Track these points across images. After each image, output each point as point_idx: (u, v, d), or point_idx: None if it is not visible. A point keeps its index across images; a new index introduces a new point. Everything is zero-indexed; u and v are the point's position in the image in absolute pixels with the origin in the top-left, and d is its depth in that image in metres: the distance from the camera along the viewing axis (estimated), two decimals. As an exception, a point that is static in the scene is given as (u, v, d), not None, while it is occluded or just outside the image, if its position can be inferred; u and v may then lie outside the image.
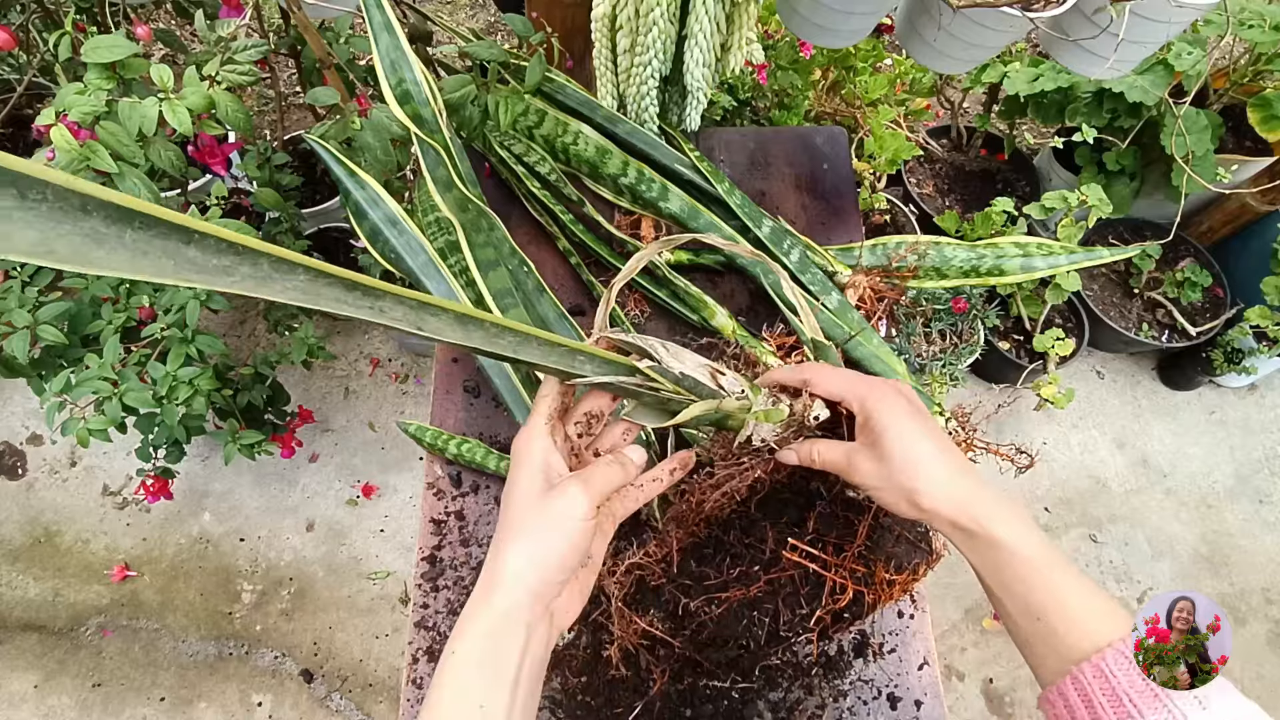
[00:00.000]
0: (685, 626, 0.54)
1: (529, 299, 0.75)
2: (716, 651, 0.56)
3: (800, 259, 0.79)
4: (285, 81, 2.04)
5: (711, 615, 0.52)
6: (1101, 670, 0.38)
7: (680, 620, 0.54)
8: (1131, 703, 0.37)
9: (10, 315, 0.99)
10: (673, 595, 0.53)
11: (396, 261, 0.72)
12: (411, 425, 0.76)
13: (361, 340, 1.83)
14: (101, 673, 1.48)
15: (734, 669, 0.62)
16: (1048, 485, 1.76)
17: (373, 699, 1.48)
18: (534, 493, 0.40)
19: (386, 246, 0.73)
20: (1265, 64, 1.50)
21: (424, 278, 0.71)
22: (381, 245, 0.73)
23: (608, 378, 0.40)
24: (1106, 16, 0.67)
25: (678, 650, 0.56)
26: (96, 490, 1.64)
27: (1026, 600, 0.41)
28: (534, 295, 0.76)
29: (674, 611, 0.54)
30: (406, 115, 0.73)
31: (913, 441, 0.43)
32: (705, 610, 0.52)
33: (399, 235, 0.73)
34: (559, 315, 0.76)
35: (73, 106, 0.72)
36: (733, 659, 0.57)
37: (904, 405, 0.45)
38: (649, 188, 0.82)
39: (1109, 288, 1.79)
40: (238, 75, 0.80)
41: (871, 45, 1.53)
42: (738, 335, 0.77)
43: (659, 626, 0.54)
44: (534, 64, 0.71)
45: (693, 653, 0.56)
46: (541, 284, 0.77)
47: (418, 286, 0.71)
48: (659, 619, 0.54)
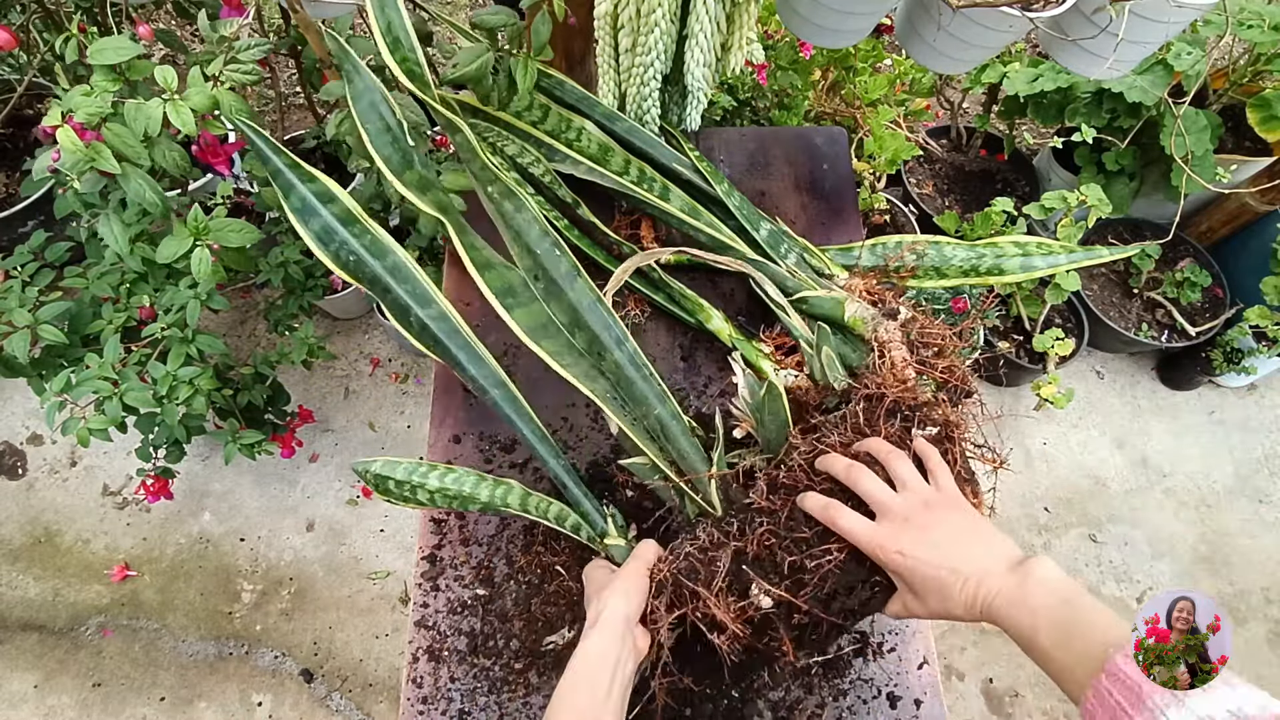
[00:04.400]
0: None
1: (555, 287, 0.72)
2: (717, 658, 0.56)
3: (797, 263, 0.79)
4: (285, 81, 2.04)
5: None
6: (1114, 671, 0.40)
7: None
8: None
9: (10, 315, 0.99)
10: None
11: (356, 266, 0.69)
12: (375, 464, 0.70)
13: (361, 340, 1.83)
14: (101, 672, 1.48)
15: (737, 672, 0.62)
16: (1047, 485, 1.77)
17: (373, 699, 1.48)
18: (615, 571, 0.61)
19: (343, 248, 0.69)
20: (1265, 64, 1.50)
21: (393, 280, 0.69)
22: (336, 247, 0.69)
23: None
24: (1106, 17, 0.67)
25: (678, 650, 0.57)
26: (96, 490, 1.64)
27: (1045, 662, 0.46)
28: (566, 280, 0.72)
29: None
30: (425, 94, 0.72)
31: (931, 575, 0.50)
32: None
33: (358, 236, 0.69)
34: (594, 301, 0.71)
35: (79, 108, 0.72)
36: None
37: (906, 541, 0.51)
38: (650, 187, 0.82)
39: (1109, 288, 1.79)
40: (241, 74, 0.80)
41: (871, 45, 1.53)
42: (734, 339, 0.77)
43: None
44: (539, 23, 0.70)
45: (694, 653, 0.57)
46: (576, 266, 0.72)
47: (385, 291, 0.69)
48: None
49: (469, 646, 0.69)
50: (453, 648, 0.69)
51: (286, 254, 1.31)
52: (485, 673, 0.68)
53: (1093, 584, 1.66)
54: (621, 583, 0.57)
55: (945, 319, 1.54)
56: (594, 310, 0.70)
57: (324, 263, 0.68)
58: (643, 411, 0.68)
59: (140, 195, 0.80)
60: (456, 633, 0.70)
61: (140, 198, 0.80)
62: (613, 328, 0.69)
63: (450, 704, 0.67)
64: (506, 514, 0.68)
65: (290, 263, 1.32)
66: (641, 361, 0.69)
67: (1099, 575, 1.67)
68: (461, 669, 0.68)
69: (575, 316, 0.71)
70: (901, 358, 0.64)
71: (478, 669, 0.68)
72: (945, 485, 0.54)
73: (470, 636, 0.69)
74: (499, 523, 0.75)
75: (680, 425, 0.68)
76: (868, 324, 0.68)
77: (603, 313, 0.70)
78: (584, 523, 0.68)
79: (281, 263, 1.31)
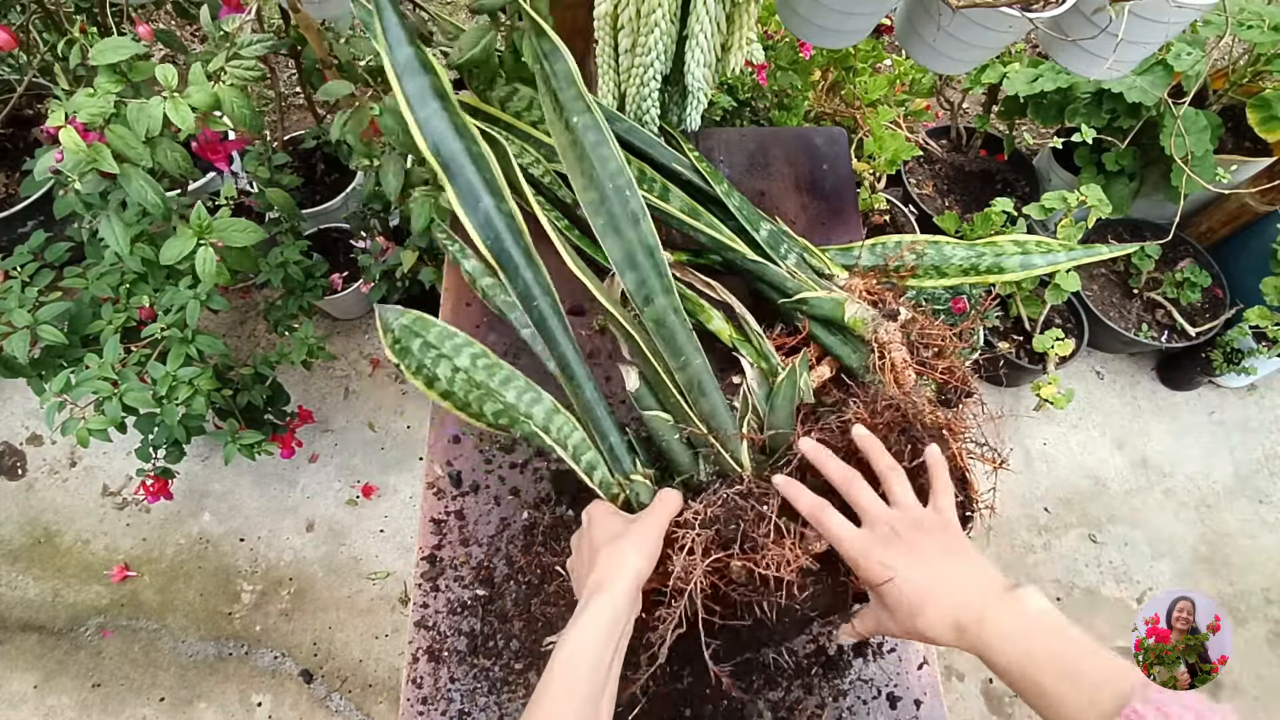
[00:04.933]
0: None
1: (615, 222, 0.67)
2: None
3: (797, 263, 0.79)
4: (285, 82, 2.04)
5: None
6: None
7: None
8: None
9: (10, 315, 0.99)
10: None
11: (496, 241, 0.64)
12: (406, 316, 0.65)
13: (361, 340, 1.83)
14: (101, 673, 1.48)
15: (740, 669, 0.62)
16: (1048, 485, 1.76)
17: (372, 699, 1.48)
18: (630, 518, 0.57)
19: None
20: (1264, 64, 1.50)
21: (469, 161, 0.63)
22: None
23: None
24: (1106, 17, 0.67)
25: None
26: (96, 490, 1.64)
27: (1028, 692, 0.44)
28: (629, 221, 0.67)
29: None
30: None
31: (908, 591, 0.49)
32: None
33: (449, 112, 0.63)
34: (653, 247, 0.67)
35: (83, 109, 0.72)
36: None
37: (891, 554, 0.50)
38: (649, 188, 0.82)
39: (1108, 288, 1.79)
40: (243, 71, 0.80)
41: (871, 46, 1.53)
42: (734, 340, 0.77)
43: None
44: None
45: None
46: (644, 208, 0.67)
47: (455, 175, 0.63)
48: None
49: (469, 647, 0.69)
50: (453, 648, 0.69)
51: (286, 254, 1.31)
52: (485, 673, 0.68)
53: (1093, 584, 1.66)
54: (639, 535, 0.54)
55: (945, 319, 1.54)
56: (650, 256, 0.66)
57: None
58: (681, 363, 0.66)
59: (141, 196, 0.80)
60: (456, 633, 0.69)
61: (141, 198, 0.80)
62: (666, 275, 0.66)
63: (450, 704, 0.67)
64: (523, 433, 0.62)
65: (290, 263, 1.32)
66: (684, 313, 0.66)
67: (1099, 575, 1.67)
68: (461, 669, 0.68)
69: (631, 256, 0.67)
70: (902, 359, 0.64)
71: (477, 669, 0.68)
72: (944, 507, 0.52)
73: (470, 637, 0.69)
74: (499, 522, 0.75)
75: (712, 380, 0.65)
76: (868, 325, 0.68)
77: (659, 259, 0.66)
78: (602, 461, 0.64)
79: (281, 263, 1.31)
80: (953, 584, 0.48)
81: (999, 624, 0.45)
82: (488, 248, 0.64)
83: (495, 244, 0.64)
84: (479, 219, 0.63)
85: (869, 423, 0.59)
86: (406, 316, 0.64)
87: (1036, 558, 1.69)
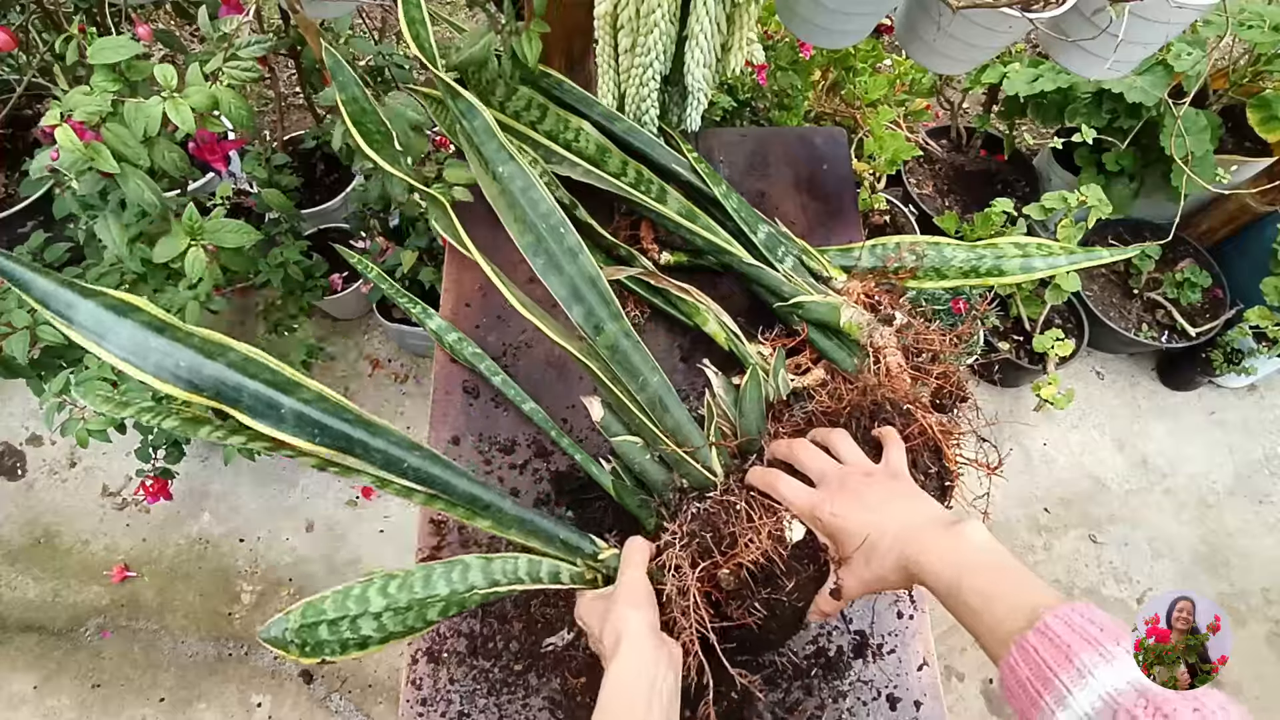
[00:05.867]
0: None
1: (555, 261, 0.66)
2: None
3: (794, 266, 0.79)
4: (285, 82, 2.04)
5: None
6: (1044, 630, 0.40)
7: None
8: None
9: (10, 315, 0.98)
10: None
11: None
12: (290, 615, 0.54)
13: (361, 340, 1.83)
14: (101, 673, 1.48)
15: None
16: (1048, 485, 1.76)
17: (372, 699, 1.48)
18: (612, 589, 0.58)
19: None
20: (1265, 64, 1.50)
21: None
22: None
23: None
24: (1106, 17, 0.67)
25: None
26: (96, 491, 1.64)
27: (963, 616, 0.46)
28: (567, 257, 0.66)
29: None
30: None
31: (857, 533, 0.51)
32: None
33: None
34: (594, 276, 0.66)
35: (79, 107, 0.72)
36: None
37: (839, 503, 0.52)
38: (647, 189, 0.82)
39: (1109, 288, 1.79)
40: (241, 71, 0.80)
41: (871, 46, 1.53)
42: (730, 344, 0.77)
43: None
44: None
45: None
46: (580, 243, 0.66)
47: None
48: None
49: (468, 648, 0.69)
50: (452, 649, 0.69)
51: (286, 254, 1.31)
52: (485, 674, 0.68)
53: (1093, 584, 1.66)
54: (625, 593, 0.54)
55: (945, 319, 1.54)
56: (593, 286, 0.65)
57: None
58: (640, 384, 0.67)
59: (139, 196, 0.80)
60: (456, 634, 0.69)
61: (139, 198, 0.80)
62: (612, 302, 0.65)
63: (450, 705, 0.67)
64: (472, 605, 0.59)
65: (289, 263, 1.32)
66: (635, 336, 0.67)
67: (1099, 575, 1.67)
68: (461, 670, 0.68)
69: (575, 290, 0.65)
70: (897, 364, 0.64)
71: (477, 670, 0.68)
72: (893, 460, 0.55)
73: (470, 638, 0.69)
74: (498, 524, 0.74)
75: (673, 396, 0.67)
76: (863, 330, 0.68)
77: (603, 287, 0.65)
78: (561, 562, 0.62)
79: (281, 263, 1.31)
80: (899, 520, 0.50)
81: (940, 552, 0.47)
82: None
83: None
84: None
85: (834, 409, 0.61)
86: (291, 619, 0.55)
87: (1037, 558, 1.68)
